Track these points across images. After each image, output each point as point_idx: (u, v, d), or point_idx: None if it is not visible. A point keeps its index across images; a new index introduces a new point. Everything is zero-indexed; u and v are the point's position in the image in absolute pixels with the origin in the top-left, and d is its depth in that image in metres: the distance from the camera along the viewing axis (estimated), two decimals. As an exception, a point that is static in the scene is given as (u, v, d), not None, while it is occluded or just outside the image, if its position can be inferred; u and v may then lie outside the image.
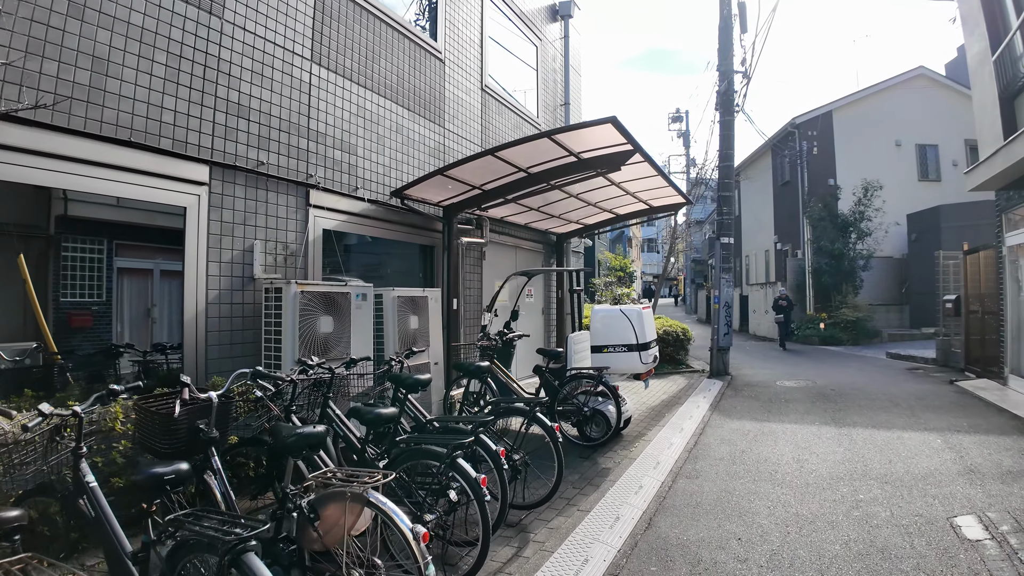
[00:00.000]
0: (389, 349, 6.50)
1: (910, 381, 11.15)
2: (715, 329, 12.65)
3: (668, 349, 13.02)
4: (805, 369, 13.27)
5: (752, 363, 14.69)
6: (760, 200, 27.78)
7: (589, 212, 11.06)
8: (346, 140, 7.16)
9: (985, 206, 19.29)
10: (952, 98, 22.96)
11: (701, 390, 10.52)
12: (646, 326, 6.80)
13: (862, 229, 19.37)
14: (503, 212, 9.90)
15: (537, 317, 12.10)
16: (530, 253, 11.98)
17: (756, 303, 23.85)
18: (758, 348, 18.48)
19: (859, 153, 21.90)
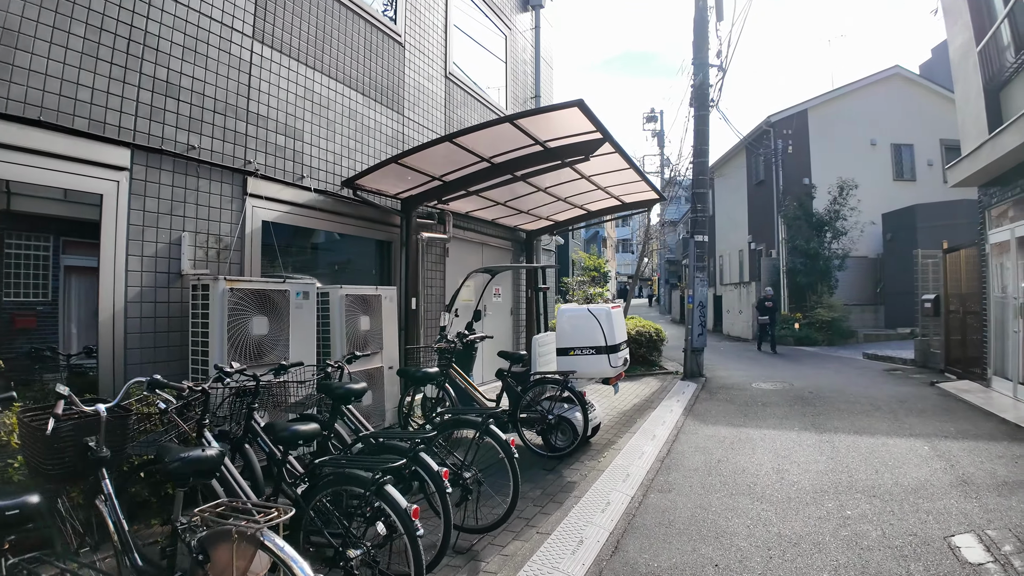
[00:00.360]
0: (336, 353, 5.95)
1: (890, 383, 10.81)
2: (689, 330, 12.24)
3: (641, 350, 12.60)
4: (781, 370, 12.91)
5: (727, 364, 14.32)
6: (734, 199, 27.55)
7: (559, 208, 10.58)
8: (291, 125, 6.58)
9: (961, 205, 19.18)
10: (927, 98, 22.92)
11: (675, 393, 10.08)
12: (615, 327, 6.30)
13: (837, 228, 19.13)
14: (468, 206, 9.37)
15: (505, 317, 11.58)
16: (498, 250, 11.46)
17: (730, 303, 23.56)
18: (733, 349, 18.15)
19: (834, 152, 21.71)
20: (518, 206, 9.86)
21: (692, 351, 12.20)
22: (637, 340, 12.48)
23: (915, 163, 22.81)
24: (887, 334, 18.85)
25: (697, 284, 12.29)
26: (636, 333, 12.53)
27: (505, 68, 11.89)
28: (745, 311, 21.56)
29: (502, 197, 9.09)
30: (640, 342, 12.54)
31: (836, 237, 19.24)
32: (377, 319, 6.56)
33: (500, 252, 11.56)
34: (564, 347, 6.31)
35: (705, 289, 12.40)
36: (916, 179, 22.62)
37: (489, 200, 9.08)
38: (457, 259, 9.62)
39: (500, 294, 11.41)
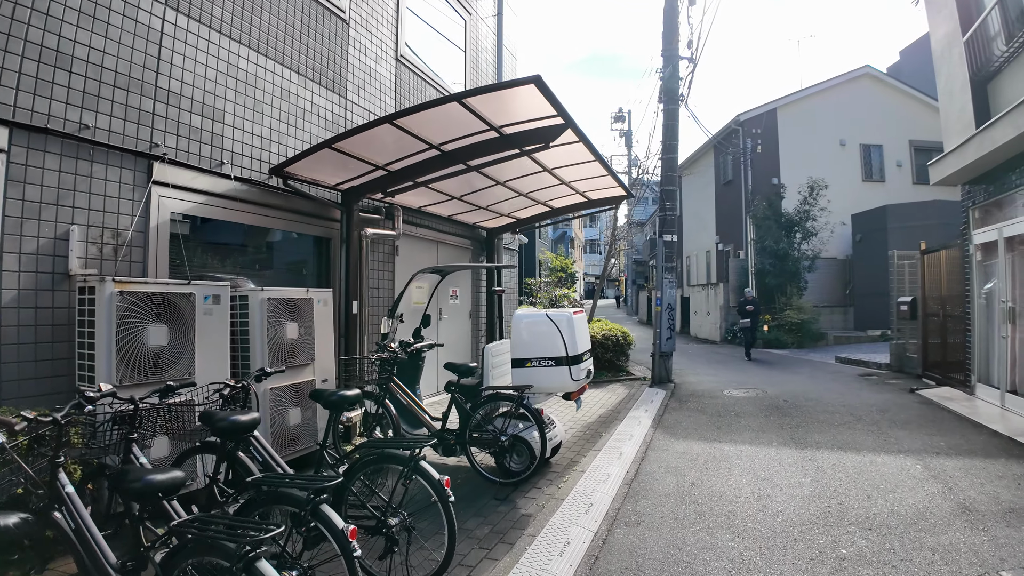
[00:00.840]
0: (256, 366, 5.18)
1: (867, 390, 10.31)
2: (657, 333, 11.63)
3: (608, 355, 11.97)
4: (752, 375, 12.37)
5: (696, 369, 13.76)
6: (702, 199, 27.16)
7: (522, 204, 9.91)
8: (210, 104, 5.77)
9: (933, 206, 18.96)
10: (897, 99, 22.80)
11: (643, 402, 9.44)
12: (577, 335, 5.59)
13: (808, 229, 18.75)
14: (420, 200, 8.63)
15: (463, 322, 10.85)
16: (455, 249, 10.72)
17: (698, 304, 23.13)
18: (701, 352, 17.63)
19: (803, 152, 21.41)
20: (476, 201, 9.15)
21: (660, 356, 11.60)
22: (603, 344, 11.84)
23: (884, 164, 22.63)
24: (857, 336, 18.51)
25: (666, 285, 11.69)
26: (603, 337, 11.90)
27: (465, 57, 11.13)
28: (713, 313, 21.13)
29: (458, 191, 8.37)
30: (607, 347, 11.90)
31: (806, 238, 18.86)
32: (308, 326, 5.79)
33: (458, 251, 10.82)
34: (519, 358, 5.57)
35: (674, 291, 11.82)
36: (885, 180, 22.44)
37: (443, 194, 8.35)
38: (409, 258, 8.86)
39: (458, 296, 10.67)
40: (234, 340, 5.33)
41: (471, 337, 11.23)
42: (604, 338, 11.89)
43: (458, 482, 5.48)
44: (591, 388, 10.57)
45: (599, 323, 13.62)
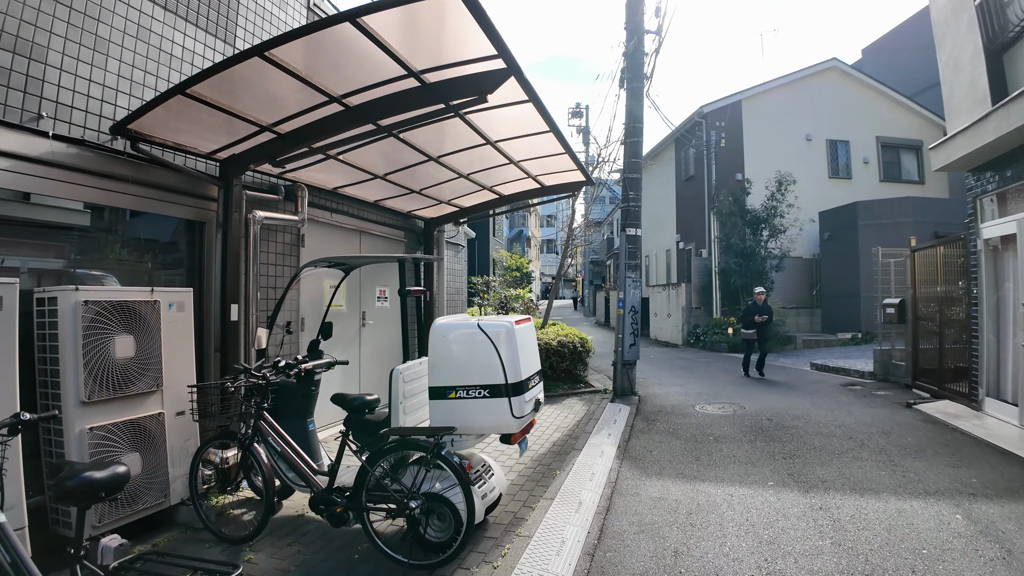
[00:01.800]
0: (70, 396, 3.61)
1: (857, 404, 9.09)
2: (619, 339, 10.26)
3: (564, 364, 10.55)
4: (723, 387, 11.09)
5: (660, 376, 12.44)
6: (662, 196, 26.04)
7: (464, 188, 8.48)
8: (24, 36, 4.12)
9: (906, 203, 18.01)
10: (864, 94, 22.12)
11: (604, 422, 8.02)
12: (521, 353, 4.07)
13: (776, 226, 17.64)
14: (334, 178, 7.08)
15: (393, 330, 9.28)
16: (384, 242, 9.17)
17: (658, 305, 21.91)
18: (664, 357, 16.36)
19: (769, 147, 20.42)
20: (407, 183, 7.64)
21: (623, 365, 10.23)
22: (559, 353, 10.42)
23: (851, 160, 21.85)
24: (827, 339, 17.48)
25: (629, 285, 10.32)
26: (558, 344, 10.47)
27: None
28: (674, 314, 19.94)
29: (382, 167, 6.86)
30: (563, 355, 10.47)
31: (774, 235, 17.76)
32: (151, 339, 4.20)
33: (388, 243, 9.27)
34: (439, 386, 4.00)
35: (638, 291, 10.46)
36: (852, 177, 21.68)
37: (363, 171, 6.81)
38: (319, 251, 7.27)
39: (387, 297, 9.12)
40: (43, 360, 3.76)
41: (400, 352, 9.68)
42: (560, 345, 10.47)
43: (355, 559, 3.95)
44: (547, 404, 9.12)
45: (554, 327, 12.23)
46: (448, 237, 11.12)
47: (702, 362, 14.84)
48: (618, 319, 10.42)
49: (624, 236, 10.46)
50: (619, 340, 10.30)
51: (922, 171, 22.51)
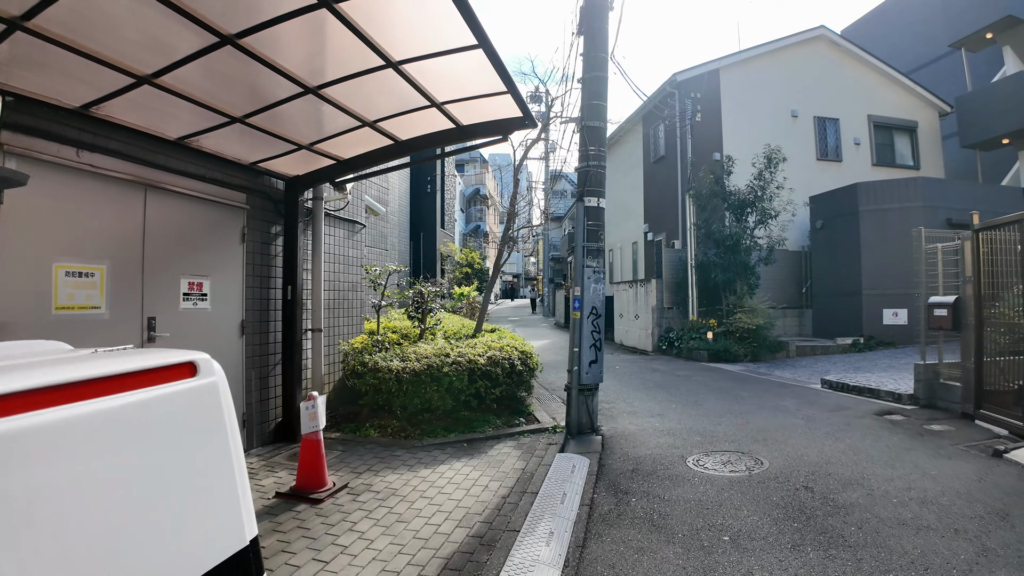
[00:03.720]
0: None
1: (921, 452, 6.15)
2: (574, 354, 7.21)
3: (497, 390, 7.43)
4: (717, 416, 8.11)
5: (630, 398, 9.44)
6: (628, 183, 23.15)
7: (340, 123, 5.41)
8: None
9: (916, 185, 15.02)
10: (855, 68, 19.63)
11: (546, 500, 4.93)
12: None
13: (765, 209, 14.74)
14: (81, 88, 3.85)
15: (221, 344, 6.06)
16: (199, 207, 5.95)
17: (624, 305, 18.92)
18: (633, 368, 13.34)
19: (750, 123, 17.65)
20: (231, 111, 4.46)
21: (580, 391, 7.18)
22: (488, 374, 7.30)
23: (841, 141, 19.26)
24: (824, 346, 14.68)
25: (588, 277, 7.28)
26: (487, 363, 7.33)
27: None
28: (643, 315, 17.00)
29: (193, 80, 3.70)
30: (494, 377, 7.34)
31: (763, 221, 14.87)
32: None
33: (205, 210, 6.04)
34: None
35: (601, 287, 7.40)
36: (842, 159, 19.11)
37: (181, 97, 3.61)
38: (50, 221, 4.03)
39: (205, 291, 5.92)
40: None
41: (242, 378, 6.49)
42: (490, 364, 7.34)
43: None
44: (461, 459, 6.06)
45: (492, 334, 9.16)
46: (333, 208, 7.94)
47: (680, 375, 11.85)
48: (573, 325, 7.35)
49: (582, 209, 7.40)
50: (574, 356, 7.24)
51: (917, 155, 20.07)
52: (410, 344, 8.18)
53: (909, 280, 14.38)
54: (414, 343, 8.26)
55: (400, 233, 22.09)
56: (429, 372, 6.94)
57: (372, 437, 7.01)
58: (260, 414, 6.78)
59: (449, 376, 6.95)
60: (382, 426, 7.27)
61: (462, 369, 7.05)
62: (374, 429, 7.20)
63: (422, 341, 8.35)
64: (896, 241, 14.42)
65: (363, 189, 10.84)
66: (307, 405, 5.18)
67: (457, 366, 7.06)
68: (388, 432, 7.13)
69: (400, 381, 6.91)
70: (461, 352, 7.37)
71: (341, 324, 8.34)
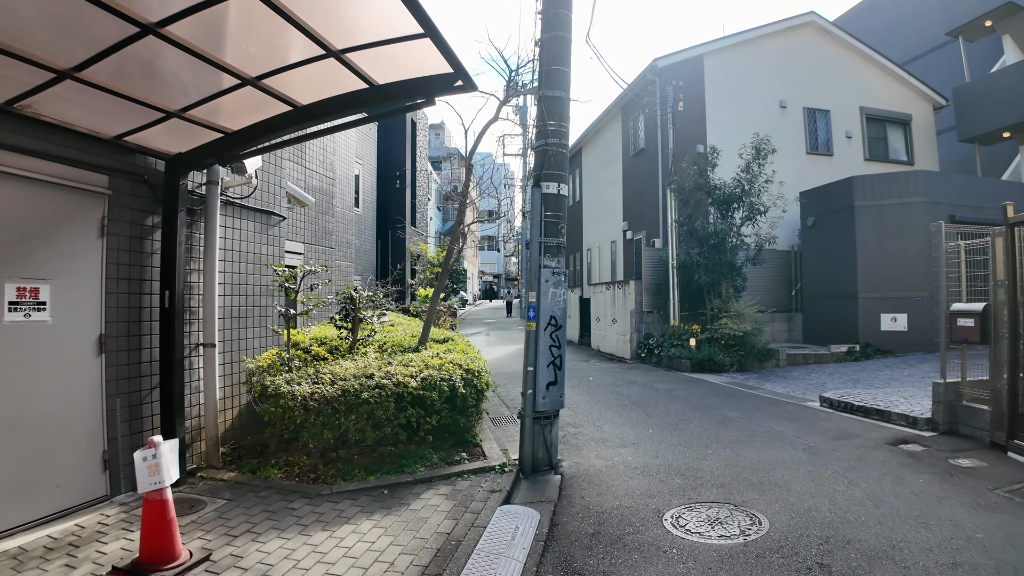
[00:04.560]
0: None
1: (956, 501, 4.87)
2: (528, 374, 5.86)
3: (432, 420, 6.04)
4: (703, 444, 6.82)
5: (600, 420, 8.11)
6: (606, 179, 21.90)
7: (210, 82, 4.07)
8: None
9: (916, 179, 13.80)
10: (847, 57, 18.54)
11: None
12: None
13: (754, 204, 13.47)
14: None
15: (67, 367, 4.64)
16: (44, 193, 4.55)
17: (601, 308, 17.59)
18: (608, 378, 12.03)
19: (736, 114, 16.44)
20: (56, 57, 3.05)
21: (535, 419, 5.84)
22: (422, 401, 5.90)
23: (832, 134, 18.12)
24: (816, 354, 13.45)
25: (545, 281, 5.92)
26: (420, 385, 5.92)
27: None
28: (621, 320, 15.69)
29: None
30: (429, 404, 5.94)
31: (751, 217, 13.60)
32: None
33: (47, 195, 4.62)
34: None
35: (562, 292, 6.05)
36: (833, 153, 17.97)
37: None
38: None
39: (43, 299, 4.50)
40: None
41: (101, 408, 5.08)
42: (424, 386, 5.93)
43: None
44: (363, 520, 4.68)
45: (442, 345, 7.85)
46: (236, 194, 6.55)
47: (660, 389, 10.54)
48: (527, 340, 6.00)
49: (538, 196, 6.05)
50: (528, 376, 5.89)
51: (911, 150, 18.98)
52: (337, 360, 6.79)
53: (909, 282, 13.35)
54: (344, 358, 6.88)
55: (364, 231, 20.65)
56: (345, 398, 5.55)
57: (273, 479, 5.62)
58: (131, 451, 5.34)
59: (370, 403, 5.56)
60: (290, 464, 5.89)
61: (387, 394, 5.66)
62: (278, 468, 5.82)
63: (351, 356, 6.96)
64: (895, 240, 13.24)
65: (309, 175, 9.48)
66: (144, 455, 3.78)
67: (381, 390, 5.67)
68: (295, 472, 5.75)
69: (308, 410, 5.51)
70: (389, 372, 5.99)
71: (251, 336, 6.93)
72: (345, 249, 15.32)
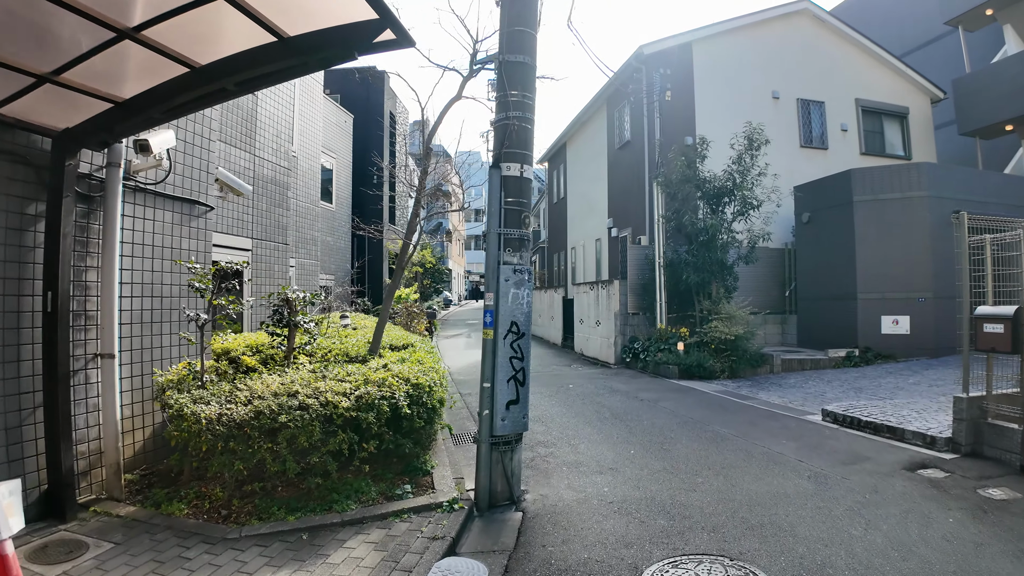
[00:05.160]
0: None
1: (998, 547, 3.97)
2: (485, 391, 4.91)
3: (370, 445, 5.06)
4: (692, 470, 5.92)
5: (577, 439, 7.17)
6: (591, 174, 20.99)
7: (91, 35, 3.03)
8: None
9: (919, 172, 12.44)
10: (842, 47, 17.74)
11: None
12: None
13: (747, 198, 12.57)
14: None
15: None
16: None
17: (585, 310, 16.64)
18: (589, 387, 11.09)
19: (727, 105, 15.54)
20: None
21: (493, 445, 4.89)
22: (355, 424, 4.92)
23: (827, 127, 17.26)
24: (813, 359, 12.57)
25: (506, 280, 4.97)
26: (355, 405, 4.93)
27: None
28: (605, 322, 14.76)
29: None
30: (363, 427, 4.95)
31: (743, 212, 12.71)
32: None
33: None
34: None
35: (526, 293, 5.08)
36: (828, 147, 17.11)
37: None
38: None
39: None
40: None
41: None
42: (359, 406, 4.94)
43: None
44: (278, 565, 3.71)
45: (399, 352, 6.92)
46: (148, 180, 5.56)
47: (645, 399, 9.62)
48: (484, 350, 5.04)
49: (497, 179, 5.09)
50: (485, 393, 4.94)
51: (908, 144, 18.17)
52: (266, 373, 5.83)
53: (912, 282, 12.47)
54: (274, 371, 5.92)
55: (338, 228, 19.66)
56: (259, 422, 4.58)
57: (178, 516, 4.65)
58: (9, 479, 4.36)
59: (289, 427, 4.59)
60: (202, 496, 4.92)
61: (312, 417, 4.69)
62: (186, 502, 4.85)
63: (281, 370, 5.99)
64: (897, 236, 12.38)
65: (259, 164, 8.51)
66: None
67: (304, 412, 4.70)
68: (206, 507, 4.78)
69: (216, 435, 4.54)
70: (318, 389, 5.02)
71: (167, 344, 5.94)
72: (310, 246, 14.32)
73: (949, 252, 12.59)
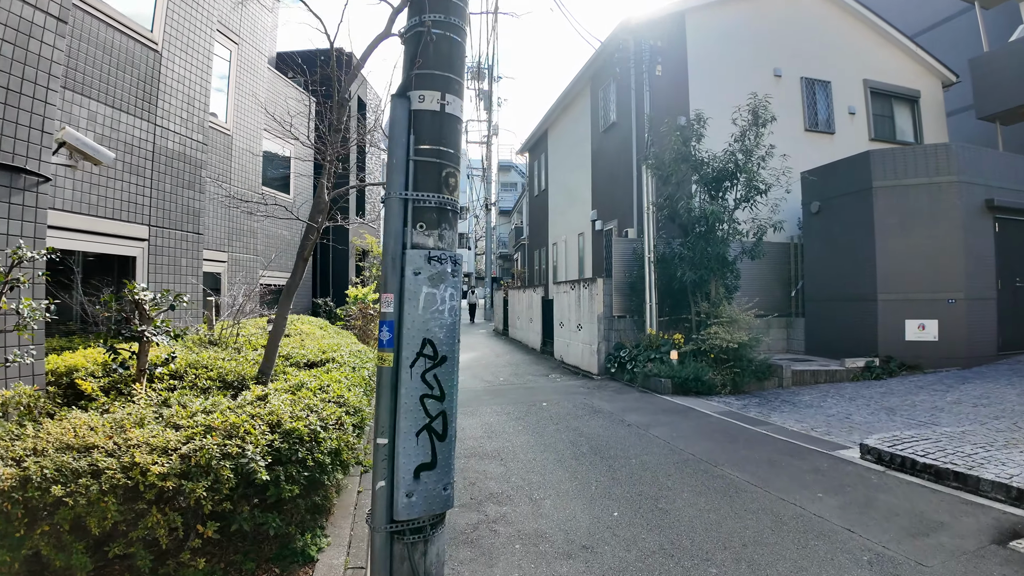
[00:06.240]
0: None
1: None
2: (379, 449, 3.09)
3: (206, 530, 3.22)
4: (700, 553, 4.17)
5: (541, 490, 5.38)
6: (573, 162, 19.23)
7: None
8: None
9: (946, 154, 10.08)
10: (849, 23, 16.20)
11: None
12: None
13: (753, 181, 10.80)
14: None
15: None
16: None
17: (566, 312, 14.78)
18: (565, 404, 9.29)
19: (724, 83, 13.86)
20: None
21: (394, 535, 3.06)
22: (177, 500, 3.09)
23: (833, 109, 15.60)
24: (828, 369, 10.83)
25: (415, 274, 3.11)
26: (180, 465, 3.09)
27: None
28: (588, 325, 12.95)
29: None
30: (189, 503, 3.14)
31: (749, 197, 10.95)
32: None
33: None
34: None
35: (448, 295, 3.24)
36: (835, 131, 15.46)
37: None
38: None
39: None
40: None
41: None
42: (185, 469, 3.12)
43: None
44: None
45: (314, 370, 5.24)
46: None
47: (633, 424, 7.83)
48: (379, 384, 3.19)
49: (403, 113, 3.24)
50: (380, 452, 3.10)
51: (920, 130, 16.55)
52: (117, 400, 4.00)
53: (940, 281, 10.64)
54: (115, 402, 4.09)
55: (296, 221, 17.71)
56: (27, 492, 2.76)
57: None
58: None
59: (67, 505, 2.77)
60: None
61: (104, 488, 2.87)
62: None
63: (125, 399, 4.15)
64: (922, 228, 10.70)
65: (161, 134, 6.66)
66: None
67: (93, 480, 2.87)
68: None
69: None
70: (128, 440, 3.19)
71: None
72: (247, 239, 12.44)
73: (983, 246, 11.03)
